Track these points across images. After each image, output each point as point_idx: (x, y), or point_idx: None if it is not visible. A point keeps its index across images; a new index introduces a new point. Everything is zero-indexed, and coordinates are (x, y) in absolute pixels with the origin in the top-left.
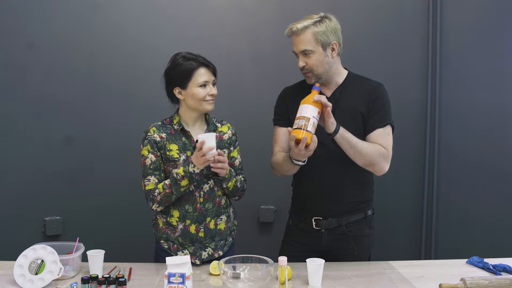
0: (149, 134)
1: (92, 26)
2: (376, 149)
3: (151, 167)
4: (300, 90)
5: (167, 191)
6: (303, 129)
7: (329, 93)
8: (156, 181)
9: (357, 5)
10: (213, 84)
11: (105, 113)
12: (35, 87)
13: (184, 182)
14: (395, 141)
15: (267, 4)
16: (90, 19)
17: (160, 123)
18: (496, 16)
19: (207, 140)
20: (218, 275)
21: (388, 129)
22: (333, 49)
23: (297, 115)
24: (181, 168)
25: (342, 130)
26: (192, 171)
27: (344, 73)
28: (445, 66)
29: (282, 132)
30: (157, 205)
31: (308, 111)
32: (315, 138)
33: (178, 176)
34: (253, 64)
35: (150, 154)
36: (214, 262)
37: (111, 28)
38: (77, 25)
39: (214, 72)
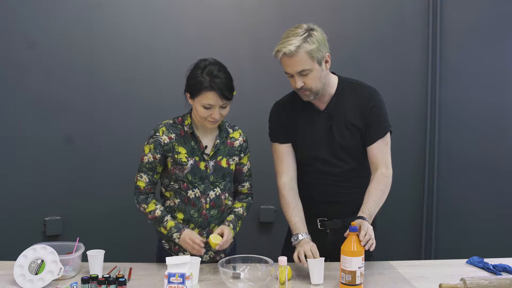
0: (157, 134)
1: (92, 26)
2: (385, 187)
3: (147, 166)
4: (293, 103)
5: (149, 216)
6: (351, 285)
7: (323, 107)
8: (147, 180)
9: (357, 5)
10: (222, 107)
11: (105, 113)
12: (35, 87)
13: (162, 230)
14: (395, 142)
15: (267, 4)
16: (90, 19)
17: (171, 122)
18: (496, 16)
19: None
20: (216, 245)
21: (387, 138)
22: (326, 61)
23: (342, 267)
24: (172, 224)
25: (368, 217)
26: (173, 238)
27: (335, 80)
28: (445, 67)
29: (284, 150)
30: (138, 206)
31: (352, 264)
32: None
33: (164, 223)
34: (253, 65)
35: (150, 153)
36: (213, 236)
37: (111, 28)
38: (77, 25)
39: (226, 96)
